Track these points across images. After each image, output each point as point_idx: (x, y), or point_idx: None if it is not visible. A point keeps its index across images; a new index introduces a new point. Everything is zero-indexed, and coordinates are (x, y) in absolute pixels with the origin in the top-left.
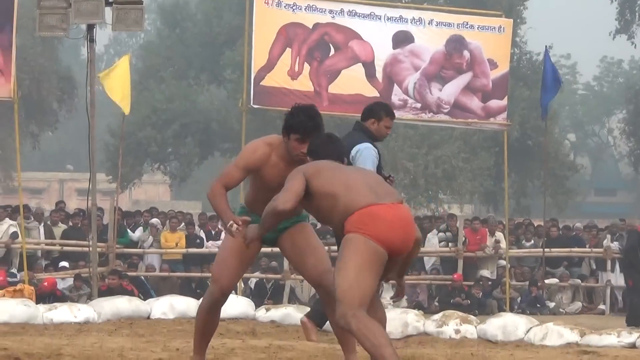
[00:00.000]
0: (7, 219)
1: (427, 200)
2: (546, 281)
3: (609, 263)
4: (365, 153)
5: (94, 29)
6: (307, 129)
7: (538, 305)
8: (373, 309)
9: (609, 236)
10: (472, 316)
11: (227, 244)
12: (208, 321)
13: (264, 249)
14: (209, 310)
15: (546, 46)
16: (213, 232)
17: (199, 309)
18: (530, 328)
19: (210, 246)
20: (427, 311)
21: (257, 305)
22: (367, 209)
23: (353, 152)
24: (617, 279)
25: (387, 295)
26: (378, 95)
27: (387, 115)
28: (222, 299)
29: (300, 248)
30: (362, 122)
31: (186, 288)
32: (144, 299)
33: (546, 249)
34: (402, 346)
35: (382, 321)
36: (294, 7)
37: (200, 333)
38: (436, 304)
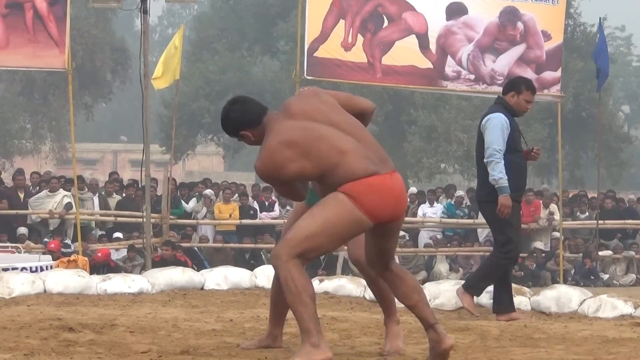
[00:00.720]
0: (61, 190)
1: None
2: (600, 253)
3: None
4: (493, 121)
5: (148, 1)
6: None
7: (592, 277)
8: (400, 276)
9: None
10: (525, 288)
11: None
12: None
13: None
14: None
15: (600, 18)
16: (266, 203)
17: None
18: (584, 300)
19: (264, 217)
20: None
21: (311, 276)
22: (365, 180)
23: (483, 121)
24: None
25: (441, 267)
26: (431, 66)
27: (527, 89)
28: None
29: None
30: (503, 95)
31: (240, 259)
32: (198, 270)
33: (600, 221)
34: (456, 317)
35: (417, 287)
36: None
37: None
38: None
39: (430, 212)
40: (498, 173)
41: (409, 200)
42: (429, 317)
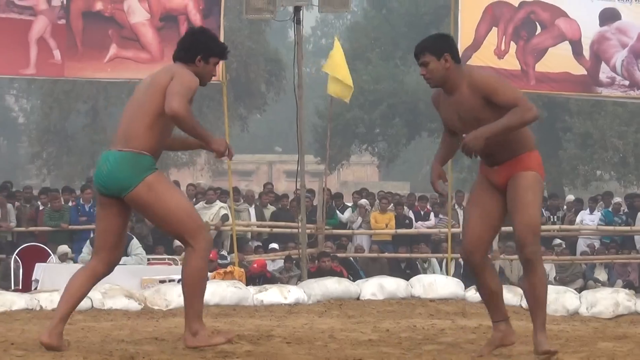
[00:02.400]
0: (217, 201)
1: (636, 179)
2: None
3: None
4: None
5: (301, 11)
6: (225, 50)
7: None
8: (491, 274)
9: None
10: None
11: (179, 199)
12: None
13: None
14: (207, 262)
15: None
16: (422, 213)
17: (202, 269)
18: None
19: (419, 226)
20: (639, 290)
21: (467, 285)
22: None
23: None
24: None
25: (599, 276)
26: (585, 73)
27: None
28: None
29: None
30: None
31: (395, 269)
32: (354, 280)
33: None
34: (613, 326)
35: (499, 287)
36: None
37: (204, 292)
38: None
39: (589, 219)
40: None
41: (569, 207)
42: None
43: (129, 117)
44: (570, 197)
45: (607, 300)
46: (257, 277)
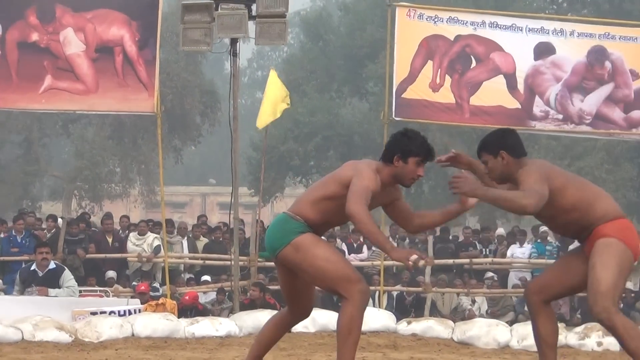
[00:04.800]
0: (150, 233)
1: None
2: None
3: None
4: None
5: (238, 43)
6: (430, 151)
7: None
8: (545, 321)
9: None
10: None
11: (329, 251)
12: (360, 326)
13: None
14: (363, 310)
15: None
16: (355, 245)
17: (355, 317)
18: None
19: (352, 259)
20: (570, 324)
21: (399, 318)
22: (624, 220)
23: None
24: None
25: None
26: (519, 106)
27: None
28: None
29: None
30: None
31: (328, 301)
32: None
33: None
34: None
35: (551, 337)
36: (436, 19)
37: (357, 343)
38: (578, 316)
39: (519, 252)
40: None
41: (499, 241)
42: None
43: (308, 189)
44: (500, 231)
45: None
46: (189, 309)
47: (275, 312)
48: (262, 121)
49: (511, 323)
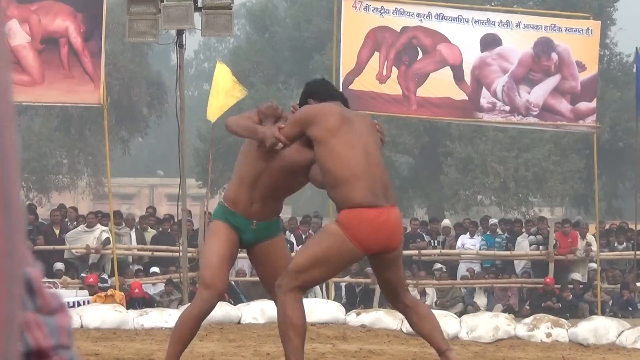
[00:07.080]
0: (98, 225)
1: (517, 204)
2: (638, 284)
3: None
4: None
5: (184, 35)
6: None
7: (630, 308)
8: (410, 307)
9: None
10: (563, 320)
11: (214, 249)
12: (194, 328)
13: None
14: (200, 318)
15: (637, 47)
16: (303, 237)
17: (187, 317)
18: (622, 331)
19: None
20: (518, 315)
21: (348, 310)
22: (359, 210)
23: None
24: None
25: (479, 300)
26: (466, 98)
27: None
28: (215, 305)
29: (272, 260)
30: None
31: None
32: (235, 304)
33: (638, 252)
34: (493, 350)
35: (428, 315)
36: (382, 11)
37: (183, 342)
38: (527, 307)
39: (470, 243)
40: None
41: (445, 232)
42: (442, 344)
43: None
44: (446, 222)
45: (487, 324)
46: (138, 301)
47: (223, 303)
48: (212, 113)
49: (460, 314)
